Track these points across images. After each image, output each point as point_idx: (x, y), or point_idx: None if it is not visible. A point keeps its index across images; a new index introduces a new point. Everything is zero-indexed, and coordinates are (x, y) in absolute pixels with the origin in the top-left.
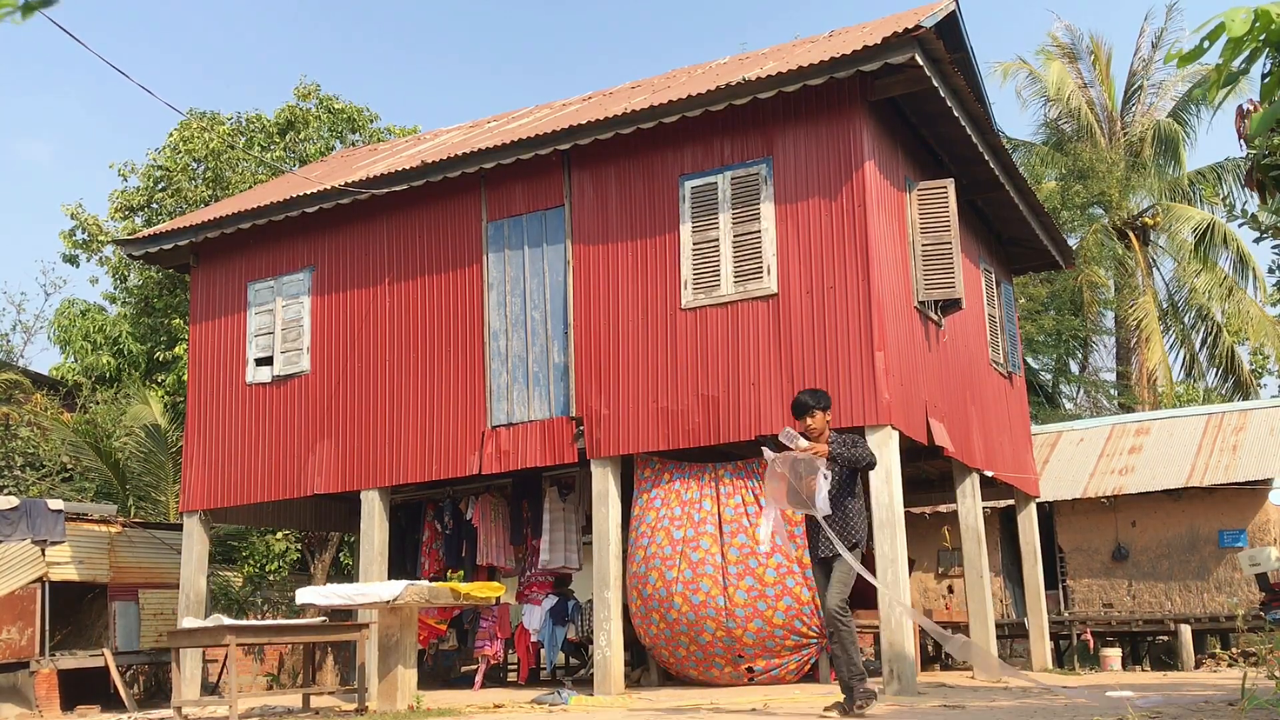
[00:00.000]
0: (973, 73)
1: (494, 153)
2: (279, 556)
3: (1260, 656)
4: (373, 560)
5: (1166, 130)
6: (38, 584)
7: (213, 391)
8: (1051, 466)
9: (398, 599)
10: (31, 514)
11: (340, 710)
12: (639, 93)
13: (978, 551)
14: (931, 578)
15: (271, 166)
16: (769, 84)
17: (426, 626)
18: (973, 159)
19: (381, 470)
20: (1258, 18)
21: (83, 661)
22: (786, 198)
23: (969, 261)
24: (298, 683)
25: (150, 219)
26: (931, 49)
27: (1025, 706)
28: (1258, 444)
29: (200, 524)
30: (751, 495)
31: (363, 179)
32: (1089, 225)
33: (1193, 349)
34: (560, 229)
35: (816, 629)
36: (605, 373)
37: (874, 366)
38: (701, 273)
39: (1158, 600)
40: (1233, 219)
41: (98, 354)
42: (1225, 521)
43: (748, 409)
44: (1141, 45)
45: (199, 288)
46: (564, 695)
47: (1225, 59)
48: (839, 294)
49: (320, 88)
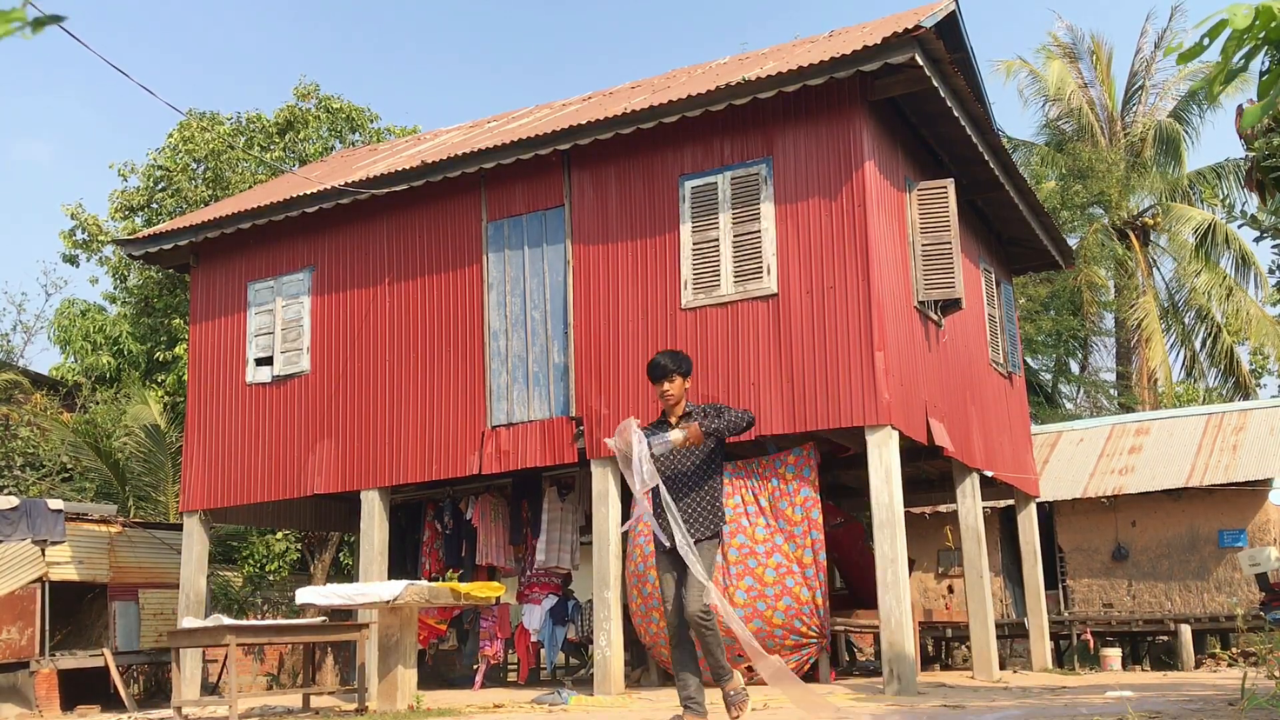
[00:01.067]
0: (973, 73)
1: (494, 153)
2: (279, 556)
3: (1260, 656)
4: (373, 560)
5: (1169, 130)
6: (38, 584)
7: (213, 391)
8: (1051, 466)
9: (398, 599)
10: (31, 514)
11: (340, 710)
12: (639, 93)
13: (978, 551)
14: (931, 578)
15: (271, 166)
16: (769, 84)
17: (426, 626)
18: (973, 159)
19: (381, 470)
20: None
21: (83, 661)
22: (786, 198)
23: (969, 261)
24: (298, 683)
25: (150, 219)
26: (931, 49)
27: (1025, 706)
28: (1258, 444)
29: (200, 524)
30: (751, 495)
31: (363, 179)
32: (1089, 225)
33: (1193, 349)
34: (560, 229)
35: (816, 629)
36: (605, 373)
37: (874, 366)
38: (701, 273)
39: (1158, 600)
40: (1233, 219)
41: (98, 354)
42: (1225, 521)
43: (748, 409)
44: (1143, 45)
45: (199, 288)
46: (564, 695)
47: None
48: (839, 294)
49: (320, 88)
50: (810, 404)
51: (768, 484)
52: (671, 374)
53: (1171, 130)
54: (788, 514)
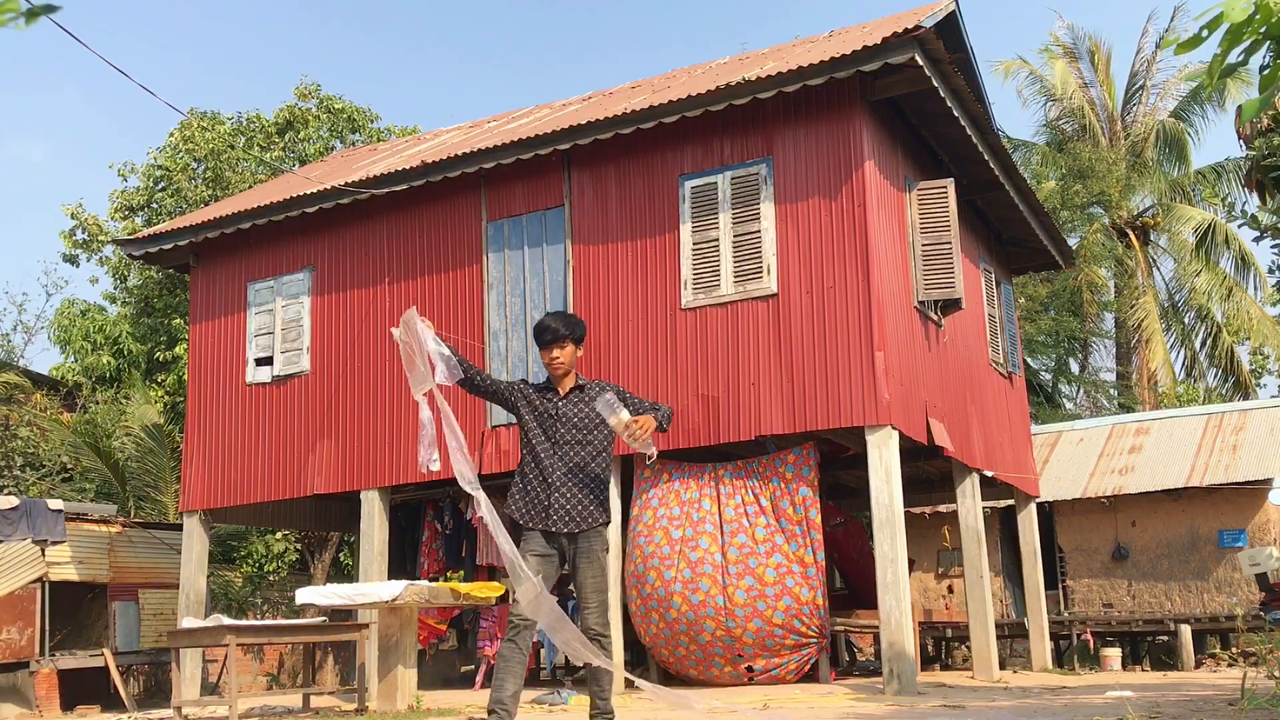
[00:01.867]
0: (973, 73)
1: (494, 153)
2: (278, 557)
3: (1260, 656)
4: (373, 560)
5: (1171, 130)
6: (38, 584)
7: (213, 391)
8: (1051, 466)
9: (398, 599)
10: (31, 514)
11: (340, 710)
12: (639, 93)
13: (978, 551)
14: (931, 578)
15: (271, 166)
16: (769, 84)
17: (426, 626)
18: (973, 159)
19: (381, 470)
20: (1257, 9)
21: (83, 661)
22: (786, 198)
23: (969, 261)
24: (298, 683)
25: (150, 219)
26: (931, 49)
27: (1025, 706)
28: (1258, 444)
29: (200, 524)
30: (751, 495)
31: (363, 179)
32: (1089, 225)
33: (1193, 349)
34: (560, 229)
35: (816, 629)
36: (605, 373)
37: (874, 366)
38: (701, 273)
39: (1158, 600)
40: (1233, 219)
41: (98, 354)
42: (1225, 521)
43: (747, 409)
44: (1144, 45)
45: (199, 288)
46: (564, 695)
47: (1224, 48)
48: (839, 294)
49: (320, 87)
50: (810, 404)
51: (768, 484)
52: (563, 339)
53: (1175, 129)
54: (788, 514)
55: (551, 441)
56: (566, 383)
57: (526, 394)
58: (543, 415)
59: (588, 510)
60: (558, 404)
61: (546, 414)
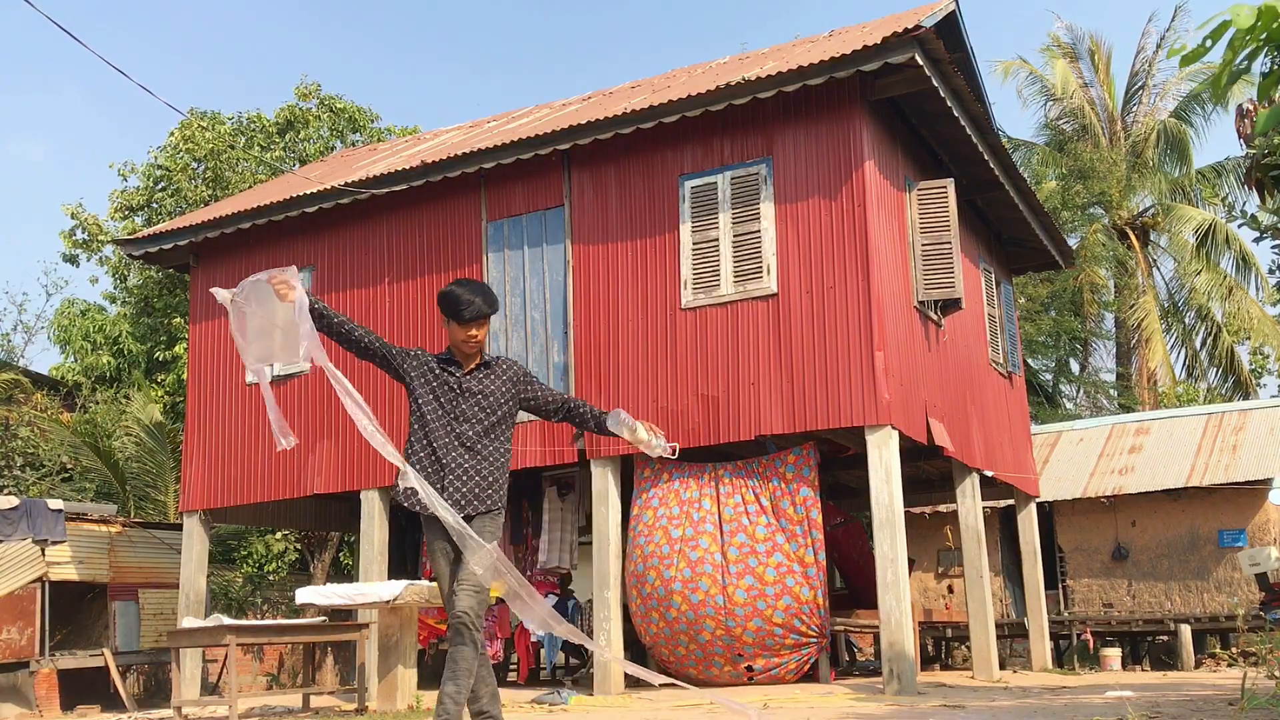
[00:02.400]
0: (973, 73)
1: (494, 153)
2: (278, 556)
3: (1260, 656)
4: (373, 560)
5: (1173, 130)
6: (38, 584)
7: (213, 391)
8: (1051, 466)
9: (398, 599)
10: (31, 514)
11: (340, 710)
12: (639, 93)
13: (978, 551)
14: (931, 578)
15: (271, 166)
16: (769, 84)
17: (426, 626)
18: (973, 159)
19: (381, 470)
20: (1260, 15)
21: (83, 661)
22: (786, 198)
23: (969, 261)
24: (298, 683)
25: (150, 219)
26: (931, 49)
27: (1025, 706)
28: (1258, 444)
29: (200, 524)
30: (751, 495)
31: (363, 179)
32: (1089, 225)
33: (1193, 349)
34: (560, 229)
35: (816, 628)
36: (605, 373)
37: (874, 366)
38: (701, 273)
39: (1158, 600)
40: (1233, 219)
41: (98, 354)
42: (1225, 521)
43: (747, 409)
44: (1145, 45)
45: (199, 288)
46: (564, 695)
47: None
48: (839, 294)
49: (321, 87)
50: (810, 404)
51: (768, 484)
52: (488, 317)
53: (1176, 129)
54: (788, 513)
55: (451, 416)
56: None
57: (427, 362)
58: (443, 388)
59: (485, 492)
60: (461, 378)
61: (449, 387)
